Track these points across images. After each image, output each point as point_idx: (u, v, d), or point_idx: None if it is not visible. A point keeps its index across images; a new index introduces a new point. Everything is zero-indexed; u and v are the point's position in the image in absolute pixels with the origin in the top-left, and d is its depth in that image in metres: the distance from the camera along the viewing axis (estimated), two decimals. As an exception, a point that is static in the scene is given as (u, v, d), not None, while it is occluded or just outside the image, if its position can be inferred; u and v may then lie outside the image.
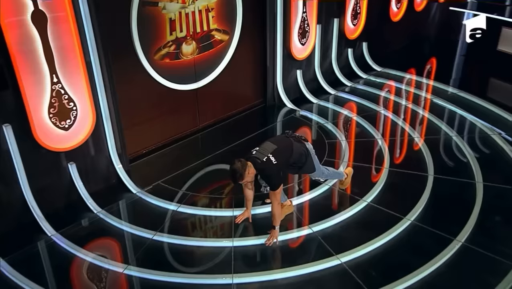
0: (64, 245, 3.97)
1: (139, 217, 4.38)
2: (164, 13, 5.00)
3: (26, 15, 3.71)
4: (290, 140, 3.80)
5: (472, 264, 3.64)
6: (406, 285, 3.40)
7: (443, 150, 5.38)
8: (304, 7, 6.30)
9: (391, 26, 8.40)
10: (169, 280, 3.57)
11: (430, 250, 3.73)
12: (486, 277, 3.51)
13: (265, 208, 4.35)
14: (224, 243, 3.94)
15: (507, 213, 4.27)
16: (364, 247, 3.77)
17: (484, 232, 3.96)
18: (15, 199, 4.12)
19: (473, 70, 8.41)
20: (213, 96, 5.95)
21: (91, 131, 4.47)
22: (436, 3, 9.51)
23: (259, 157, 3.61)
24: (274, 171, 3.62)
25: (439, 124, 6.00)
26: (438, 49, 9.48)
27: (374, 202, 4.40)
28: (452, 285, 3.47)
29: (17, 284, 3.55)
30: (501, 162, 5.06)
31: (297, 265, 3.62)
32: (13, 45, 3.68)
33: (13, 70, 3.74)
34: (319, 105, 6.62)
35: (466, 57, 8.99)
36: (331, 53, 7.30)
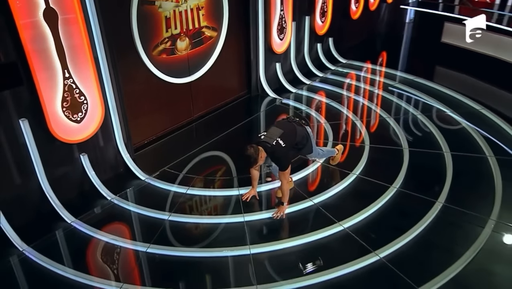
0: (85, 230, 3.79)
1: (151, 201, 4.19)
2: (160, 11, 4.81)
3: (38, 13, 3.46)
4: (293, 125, 3.79)
5: (453, 220, 3.76)
6: (403, 242, 3.47)
7: (412, 127, 5.47)
8: (282, 6, 6.25)
9: (352, 23, 8.47)
10: (191, 255, 3.49)
11: (417, 211, 3.82)
12: (468, 230, 3.65)
13: (267, 185, 4.31)
14: (236, 218, 3.88)
15: (472, 175, 4.42)
16: (361, 213, 3.82)
17: (458, 193, 4.08)
18: (34, 190, 3.89)
19: (422, 59, 8.59)
20: (205, 89, 5.81)
21: (101, 123, 4.25)
22: (385, 3, 9.68)
23: (268, 142, 3.58)
24: (283, 153, 3.60)
25: (402, 104, 6.13)
26: (390, 42, 9.66)
27: (362, 174, 4.43)
28: (441, 238, 3.58)
29: (46, 268, 3.37)
30: (461, 134, 5.21)
31: (306, 233, 3.60)
32: (28, 44, 3.44)
33: (28, 67, 3.51)
34: (297, 94, 6.60)
35: (417, 48, 9.20)
36: (303, 47, 7.28)
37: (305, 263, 3.34)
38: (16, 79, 3.49)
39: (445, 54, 8.55)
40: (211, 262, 3.43)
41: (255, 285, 3.13)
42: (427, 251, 3.44)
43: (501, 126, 5.33)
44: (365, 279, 3.17)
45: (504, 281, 3.18)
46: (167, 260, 3.47)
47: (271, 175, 4.42)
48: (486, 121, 5.50)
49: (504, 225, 3.65)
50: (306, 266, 3.30)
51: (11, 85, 3.50)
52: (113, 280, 3.27)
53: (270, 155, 3.65)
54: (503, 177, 4.26)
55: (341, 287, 3.13)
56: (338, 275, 3.19)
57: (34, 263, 3.44)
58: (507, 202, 3.92)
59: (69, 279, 3.27)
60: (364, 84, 6.93)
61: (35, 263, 3.43)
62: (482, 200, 3.99)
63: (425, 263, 3.31)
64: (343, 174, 4.43)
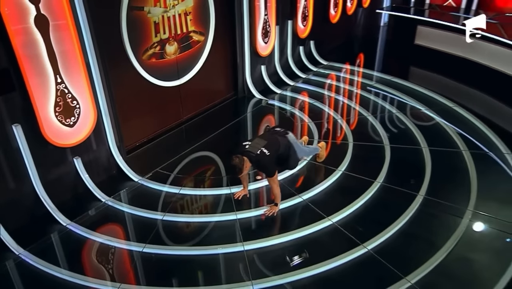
0: (81, 232, 3.68)
1: (145, 201, 4.10)
2: (149, 17, 4.72)
3: (29, 20, 3.34)
4: (275, 136, 3.79)
5: (433, 211, 3.79)
6: (389, 234, 3.49)
7: (391, 124, 5.50)
8: (266, 10, 6.22)
9: (331, 27, 8.51)
10: (186, 253, 3.44)
11: (400, 204, 3.85)
12: (447, 220, 3.69)
13: (257, 184, 4.29)
14: (228, 216, 3.83)
15: (449, 169, 4.45)
16: (348, 208, 3.82)
17: (437, 186, 4.12)
18: (28, 194, 3.76)
19: (397, 60, 8.70)
20: (194, 91, 5.73)
21: (93, 127, 4.15)
22: (361, 8, 9.75)
23: (253, 151, 3.57)
24: (268, 161, 3.60)
25: (381, 103, 6.18)
26: (366, 44, 9.75)
27: (347, 170, 4.44)
28: (424, 229, 3.60)
29: (43, 271, 3.26)
30: (436, 130, 5.27)
31: (297, 229, 3.59)
32: (19, 50, 3.32)
33: (21, 73, 3.39)
34: (282, 94, 6.58)
35: (392, 49, 9.31)
36: (287, 50, 7.27)
37: (297, 257, 3.32)
38: (8, 85, 3.37)
39: (418, 55, 8.67)
40: (206, 259, 3.38)
41: (250, 280, 3.10)
42: (411, 242, 3.46)
43: (473, 122, 5.42)
44: (354, 271, 3.18)
45: (483, 268, 3.23)
46: (163, 259, 3.40)
47: (259, 173, 4.40)
48: (459, 118, 5.58)
49: (480, 214, 3.71)
50: (298, 261, 3.28)
51: (3, 91, 3.37)
52: (111, 281, 3.19)
53: (255, 164, 3.64)
54: (477, 170, 4.33)
55: (332, 280, 3.12)
56: (329, 268, 3.18)
57: (30, 266, 3.32)
58: (482, 193, 3.98)
59: (67, 281, 3.17)
60: (344, 84, 6.98)
61: (32, 266, 3.32)
62: (459, 192, 4.04)
63: (409, 253, 3.34)
64: (329, 171, 4.42)
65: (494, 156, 4.62)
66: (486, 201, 3.89)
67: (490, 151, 4.71)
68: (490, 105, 6.25)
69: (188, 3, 5.17)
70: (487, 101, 6.38)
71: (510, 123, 5.60)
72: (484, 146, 4.82)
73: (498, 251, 3.36)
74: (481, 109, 5.83)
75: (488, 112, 5.76)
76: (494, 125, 5.30)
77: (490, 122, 5.37)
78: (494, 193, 4.04)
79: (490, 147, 4.79)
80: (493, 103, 6.33)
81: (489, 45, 7.30)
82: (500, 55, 7.15)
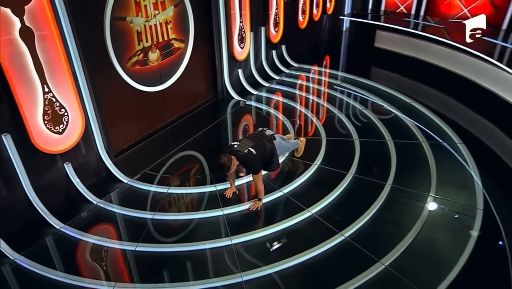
0: (75, 234, 3.48)
1: (135, 202, 3.93)
2: (132, 26, 4.50)
3: (14, 32, 3.10)
4: (262, 140, 3.70)
5: (400, 198, 3.81)
6: (363, 222, 3.48)
7: (359, 120, 5.50)
8: (241, 18, 6.09)
9: (300, 32, 8.45)
10: (177, 250, 3.30)
11: (371, 193, 3.85)
12: (413, 206, 3.71)
13: (240, 180, 4.18)
14: (216, 213, 3.72)
15: (411, 159, 4.49)
16: (325, 199, 3.78)
17: (402, 175, 4.14)
18: (20, 200, 3.52)
19: (359, 60, 8.74)
20: (176, 95, 5.54)
21: (82, 133, 3.93)
22: (326, 14, 9.75)
23: (240, 150, 3.48)
24: (254, 160, 3.53)
25: (347, 100, 6.20)
26: (331, 47, 9.75)
27: (322, 164, 4.40)
28: (393, 215, 3.61)
29: (39, 274, 3.08)
30: (398, 124, 5.30)
31: (280, 221, 3.53)
32: (5, 61, 3.07)
33: (8, 85, 3.15)
34: (258, 95, 6.48)
35: (354, 52, 9.34)
36: (261, 54, 7.16)
37: (281, 247, 3.28)
38: (-4, 96, 3.13)
39: (378, 57, 8.77)
40: (197, 254, 3.27)
41: (239, 272, 3.02)
42: (383, 227, 3.47)
43: (429, 116, 5.50)
44: (334, 258, 3.15)
45: (446, 247, 3.27)
46: (156, 256, 3.27)
47: (241, 170, 4.31)
48: (416, 112, 5.64)
49: (440, 199, 3.76)
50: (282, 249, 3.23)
51: (-9, 103, 3.14)
52: (106, 280, 3.03)
53: (242, 163, 3.54)
54: (435, 159, 4.39)
55: (315, 267, 3.08)
56: (311, 256, 3.14)
57: (26, 270, 3.12)
58: (441, 180, 4.04)
59: (63, 283, 2.99)
60: (313, 84, 6.96)
61: (28, 270, 3.12)
62: (421, 179, 4.07)
63: (382, 238, 3.35)
64: (306, 165, 4.38)
65: (448, 146, 4.70)
66: (444, 187, 3.94)
67: (444, 142, 4.79)
68: (441, 100, 6.34)
69: (169, 13, 4.98)
70: (438, 97, 6.48)
71: (459, 115, 5.70)
72: (439, 137, 4.89)
73: (457, 231, 3.43)
74: (434, 103, 5.92)
75: (440, 106, 5.84)
76: (446, 118, 5.38)
77: (442, 115, 5.46)
78: (450, 179, 4.09)
79: (444, 138, 4.88)
80: (444, 98, 6.43)
81: (437, 47, 7.48)
82: (446, 55, 7.33)
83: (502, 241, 3.27)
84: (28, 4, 3.15)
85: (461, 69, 7.05)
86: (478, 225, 3.39)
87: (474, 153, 4.49)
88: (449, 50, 7.16)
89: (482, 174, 4.09)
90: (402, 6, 9.60)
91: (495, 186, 3.96)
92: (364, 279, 2.91)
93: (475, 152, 4.51)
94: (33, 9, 3.19)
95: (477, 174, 4.10)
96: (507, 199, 3.80)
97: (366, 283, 2.89)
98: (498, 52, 6.37)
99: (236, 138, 5.23)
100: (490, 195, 3.75)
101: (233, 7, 5.90)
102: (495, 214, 3.53)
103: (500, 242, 3.28)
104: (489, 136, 5.09)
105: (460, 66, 7.06)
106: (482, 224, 3.41)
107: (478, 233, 3.33)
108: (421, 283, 2.85)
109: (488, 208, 3.60)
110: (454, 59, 7.11)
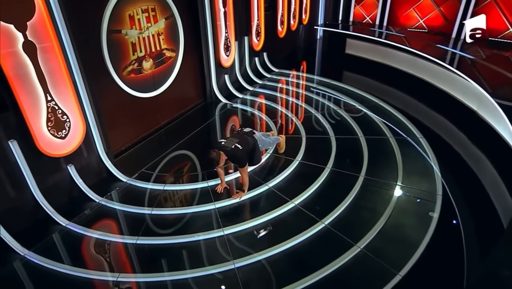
0: (79, 230, 3.44)
1: (134, 199, 3.90)
2: (127, 38, 4.44)
3: (18, 46, 3.02)
4: (245, 136, 3.74)
5: (372, 188, 3.88)
6: (340, 210, 3.54)
7: (334, 118, 5.57)
8: (226, 29, 6.08)
9: (279, 40, 8.49)
10: (174, 242, 3.29)
11: (347, 184, 3.90)
12: (383, 193, 3.79)
13: (229, 176, 4.20)
14: (208, 206, 3.72)
15: (380, 152, 4.57)
16: (306, 191, 3.82)
17: (373, 167, 4.22)
18: (28, 201, 3.46)
19: (332, 65, 8.86)
20: (169, 100, 5.50)
21: (83, 137, 3.87)
22: (302, 25, 9.80)
23: (228, 146, 3.51)
24: (241, 155, 3.56)
25: (323, 100, 6.27)
26: (307, 54, 9.82)
27: (303, 160, 4.44)
28: (366, 203, 3.65)
29: (48, 268, 3.03)
30: (368, 122, 5.39)
31: (266, 212, 3.55)
32: (10, 73, 3.00)
33: (13, 95, 3.07)
34: (243, 98, 6.48)
35: (328, 58, 9.44)
36: (245, 61, 7.16)
37: (268, 236, 3.30)
38: (2, 106, 3.04)
39: (349, 62, 8.88)
40: (193, 245, 3.26)
41: (232, 260, 3.04)
42: (358, 214, 3.53)
43: (394, 114, 5.63)
44: (316, 244, 3.19)
45: (412, 229, 3.35)
46: (155, 248, 3.25)
47: (229, 167, 4.31)
48: (383, 111, 5.76)
49: (406, 187, 3.86)
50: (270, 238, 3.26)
51: (-3, 112, 3.05)
52: (110, 272, 3.01)
53: (230, 157, 3.56)
54: (401, 152, 4.50)
55: (299, 252, 3.12)
56: (296, 243, 3.18)
57: (36, 265, 3.07)
58: (406, 170, 4.14)
59: (71, 275, 2.96)
60: (292, 87, 7.01)
61: (37, 264, 3.07)
62: (390, 170, 4.16)
63: (357, 223, 3.41)
64: (288, 161, 4.42)
65: (411, 140, 4.82)
66: (409, 176, 4.04)
67: (408, 137, 4.90)
68: (404, 99, 6.47)
69: (160, 25, 4.93)
70: (401, 97, 6.61)
71: (420, 113, 5.84)
72: (403, 133, 5.01)
73: (420, 215, 3.50)
74: (398, 103, 6.06)
75: (403, 105, 5.97)
76: (409, 115, 5.51)
77: (405, 113, 5.59)
78: (414, 169, 4.19)
79: (408, 133, 4.99)
80: (406, 98, 6.57)
81: (399, 53, 7.63)
82: (406, 60, 7.51)
83: (457, 221, 3.39)
84: (30, 20, 3.07)
85: (420, 72, 7.25)
86: (438, 209, 3.51)
87: (433, 146, 4.62)
88: (409, 56, 7.34)
89: (440, 164, 4.23)
90: (368, 17, 9.74)
91: (451, 174, 4.08)
92: (343, 261, 2.97)
93: (434, 145, 4.65)
94: (35, 24, 3.12)
95: (436, 164, 4.24)
96: (461, 186, 3.92)
97: (345, 265, 2.94)
98: (449, 58, 6.58)
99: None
100: (447, 183, 3.89)
101: (218, 19, 5.88)
102: (452, 198, 3.66)
103: (455, 221, 3.39)
104: (446, 131, 5.24)
105: (419, 70, 7.25)
106: (441, 208, 3.53)
107: (437, 215, 3.43)
108: (392, 262, 2.93)
109: (445, 193, 3.73)
110: (414, 64, 7.29)
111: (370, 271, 2.89)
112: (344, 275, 2.87)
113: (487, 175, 4.15)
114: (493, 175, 4.14)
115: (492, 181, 4.02)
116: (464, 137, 5.07)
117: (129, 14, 4.41)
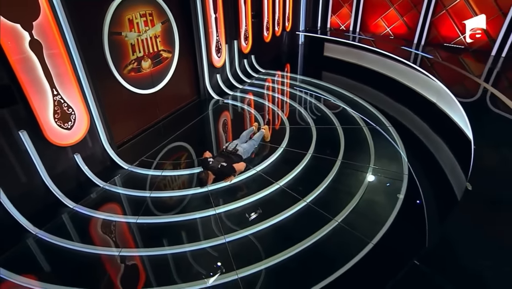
0: (86, 212, 3.39)
1: (135, 184, 3.86)
2: (127, 40, 4.36)
3: (25, 44, 2.93)
4: (230, 156, 3.85)
5: (348, 170, 3.90)
6: (320, 190, 3.56)
7: (314, 111, 5.57)
8: (217, 33, 6.01)
9: (265, 44, 8.42)
10: (171, 220, 3.28)
11: (326, 168, 3.92)
12: (358, 176, 3.82)
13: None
14: (203, 189, 3.70)
15: (355, 140, 4.58)
16: (290, 174, 3.82)
17: (349, 152, 4.25)
18: (39, 186, 3.39)
19: (313, 66, 8.83)
20: (166, 96, 5.43)
21: (88, 128, 3.80)
22: (285, 31, 9.75)
23: (215, 166, 3.66)
24: (227, 170, 3.68)
25: (305, 96, 6.27)
26: (291, 57, 9.78)
27: (287, 147, 4.44)
28: (343, 184, 3.68)
29: (58, 244, 2.99)
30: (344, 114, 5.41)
31: (254, 193, 3.55)
32: (19, 70, 2.92)
33: (22, 89, 3.00)
34: (234, 95, 6.43)
35: (309, 60, 9.43)
36: (235, 62, 7.11)
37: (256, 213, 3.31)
38: (11, 99, 2.96)
39: (327, 63, 8.89)
40: (187, 224, 3.25)
41: (223, 235, 3.04)
42: (335, 193, 3.55)
43: (367, 107, 5.67)
44: (299, 220, 3.22)
45: (381, 206, 3.38)
46: (153, 227, 3.23)
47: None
48: (358, 105, 5.80)
49: (378, 169, 3.91)
50: (257, 215, 3.28)
51: (7, 104, 2.97)
52: (114, 247, 2.99)
53: (218, 175, 3.67)
54: (372, 139, 4.55)
55: (284, 228, 3.13)
56: (281, 219, 3.20)
57: (47, 242, 3.03)
58: (377, 154, 4.18)
59: (79, 251, 2.93)
60: (278, 85, 6.99)
61: (48, 242, 3.03)
62: (363, 155, 4.21)
63: (335, 201, 3.43)
64: (274, 148, 4.43)
65: (381, 129, 4.88)
66: (380, 159, 4.09)
67: (378, 126, 4.96)
68: (375, 95, 6.52)
69: (157, 29, 4.84)
70: (373, 92, 6.66)
71: (388, 106, 5.88)
72: (374, 123, 5.06)
73: (389, 194, 3.54)
74: (370, 98, 6.10)
75: (374, 100, 6.02)
76: (379, 108, 5.58)
77: (376, 106, 5.65)
78: (384, 154, 4.24)
79: (378, 123, 5.05)
80: (376, 93, 6.60)
81: (370, 55, 7.69)
82: (377, 61, 7.57)
83: (420, 199, 3.45)
84: (36, 20, 2.98)
85: (388, 71, 7.33)
86: (404, 187, 3.57)
87: (400, 133, 4.69)
88: (379, 57, 7.40)
89: (406, 149, 4.29)
90: (342, 25, 9.76)
91: (415, 157, 4.15)
92: (323, 233, 3.00)
93: (401, 133, 4.72)
94: (41, 24, 3.03)
95: (402, 149, 4.30)
96: (423, 167, 3.99)
97: (324, 236, 2.98)
98: (413, 58, 6.68)
99: (216, 131, 5.21)
100: (412, 164, 3.96)
101: (210, 25, 5.81)
102: (415, 177, 3.74)
103: (418, 201, 3.44)
104: (410, 121, 5.33)
105: (387, 69, 7.32)
106: (407, 186, 3.59)
107: (404, 191, 3.50)
108: (365, 233, 2.98)
109: (410, 173, 3.79)
110: (383, 64, 7.36)
111: (346, 241, 2.93)
112: (324, 245, 2.90)
113: (444, 157, 4.24)
114: (449, 157, 4.24)
115: (449, 162, 4.12)
116: (426, 125, 5.16)
117: (129, 18, 4.32)
